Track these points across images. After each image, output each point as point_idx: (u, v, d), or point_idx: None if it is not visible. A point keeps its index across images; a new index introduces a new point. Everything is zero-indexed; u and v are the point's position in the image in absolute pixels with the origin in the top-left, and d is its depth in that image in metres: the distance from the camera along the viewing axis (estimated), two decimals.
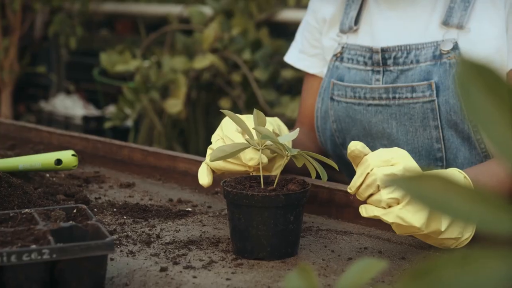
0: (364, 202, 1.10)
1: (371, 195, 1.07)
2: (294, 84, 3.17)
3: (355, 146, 1.09)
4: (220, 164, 1.22)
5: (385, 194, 1.05)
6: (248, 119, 1.21)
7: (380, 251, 1.14)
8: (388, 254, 1.13)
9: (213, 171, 1.24)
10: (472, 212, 0.39)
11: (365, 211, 1.08)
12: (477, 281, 0.37)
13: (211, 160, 1.15)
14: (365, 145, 1.10)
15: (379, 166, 1.06)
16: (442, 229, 1.06)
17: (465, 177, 1.13)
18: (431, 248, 1.15)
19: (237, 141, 1.19)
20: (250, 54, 3.20)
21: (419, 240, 1.18)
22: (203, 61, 3.15)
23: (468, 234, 1.09)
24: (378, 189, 1.06)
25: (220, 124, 1.26)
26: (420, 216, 1.04)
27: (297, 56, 1.67)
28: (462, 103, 0.39)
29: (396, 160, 1.07)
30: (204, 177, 1.23)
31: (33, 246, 0.90)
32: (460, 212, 0.39)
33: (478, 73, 0.39)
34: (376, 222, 1.25)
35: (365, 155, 1.09)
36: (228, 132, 1.23)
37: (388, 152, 1.08)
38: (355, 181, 1.09)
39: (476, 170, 1.26)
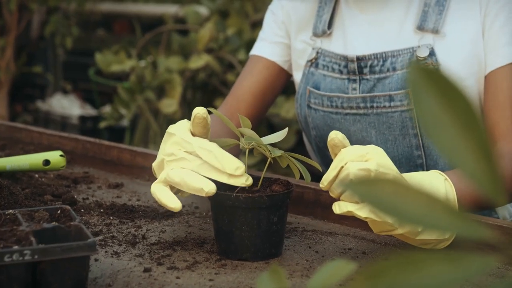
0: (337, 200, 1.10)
1: (343, 192, 1.07)
2: (288, 84, 3.17)
3: (335, 135, 1.09)
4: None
5: None
6: None
7: (364, 252, 1.14)
8: (372, 255, 1.13)
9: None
10: (421, 216, 0.39)
11: (338, 207, 1.07)
12: (423, 283, 0.37)
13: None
14: (345, 137, 1.10)
15: (353, 161, 1.06)
16: (419, 229, 1.06)
17: (446, 179, 1.13)
18: (415, 250, 1.16)
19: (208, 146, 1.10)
20: (245, 54, 3.20)
21: (403, 241, 1.19)
22: (198, 61, 3.16)
23: (448, 234, 1.09)
24: None
25: (171, 141, 1.14)
26: None
27: (257, 44, 1.62)
28: (414, 109, 0.39)
29: (370, 155, 1.07)
30: (174, 199, 1.13)
31: (15, 247, 0.91)
32: (409, 216, 0.39)
33: (431, 79, 0.40)
34: (362, 223, 1.25)
35: (344, 147, 1.10)
36: (194, 141, 1.12)
37: (363, 147, 1.08)
38: (328, 175, 1.08)
39: (459, 171, 1.25)
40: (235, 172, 1.07)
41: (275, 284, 0.63)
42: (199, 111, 1.11)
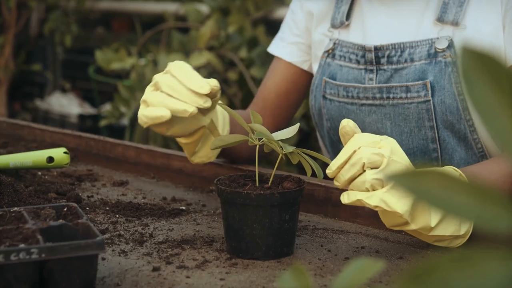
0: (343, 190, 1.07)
1: (352, 180, 1.05)
2: None
3: (347, 123, 1.08)
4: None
5: (370, 174, 1.02)
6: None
7: (378, 250, 1.12)
8: (386, 254, 1.10)
9: None
10: (473, 210, 0.37)
11: (347, 197, 1.05)
12: (478, 283, 0.35)
13: (212, 149, 1.14)
14: (357, 125, 1.08)
15: (367, 146, 1.04)
16: (432, 225, 1.04)
17: (460, 175, 1.10)
18: (429, 248, 1.13)
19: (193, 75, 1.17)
20: (247, 52, 3.18)
21: (417, 239, 1.16)
22: (199, 59, 3.13)
23: (464, 231, 1.07)
24: (363, 170, 1.03)
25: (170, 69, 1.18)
26: (404, 203, 1.01)
27: (277, 43, 1.63)
28: (466, 94, 0.37)
29: (384, 143, 1.05)
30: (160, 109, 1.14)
31: (22, 245, 0.88)
32: (462, 210, 0.37)
33: (482, 63, 0.37)
34: (374, 221, 1.22)
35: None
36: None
37: (376, 136, 1.07)
38: (339, 159, 1.05)
39: (474, 168, 1.23)
40: (199, 90, 1.12)
41: (298, 283, 0.60)
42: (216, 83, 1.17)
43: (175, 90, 1.14)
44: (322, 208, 1.30)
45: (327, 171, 1.07)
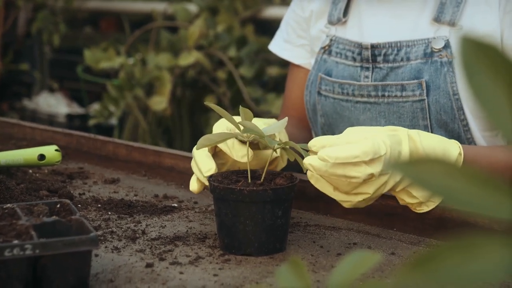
0: None
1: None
2: (280, 81, 3.16)
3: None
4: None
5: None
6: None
7: (370, 246, 1.12)
8: (378, 250, 1.11)
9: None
10: (472, 197, 0.37)
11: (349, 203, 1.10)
12: (482, 270, 0.35)
13: (197, 149, 1.12)
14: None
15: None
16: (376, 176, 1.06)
17: (460, 154, 1.13)
18: (421, 244, 1.14)
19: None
20: (236, 51, 3.18)
21: (409, 235, 1.17)
22: (188, 58, 3.13)
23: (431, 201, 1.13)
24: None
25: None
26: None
27: (282, 45, 1.64)
28: (467, 84, 0.37)
29: None
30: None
31: (15, 242, 0.88)
32: (461, 197, 0.37)
33: (483, 53, 0.37)
34: (365, 218, 1.23)
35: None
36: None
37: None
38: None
39: (477, 150, 1.24)
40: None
41: (296, 277, 0.60)
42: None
43: None
44: (314, 204, 1.30)
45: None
